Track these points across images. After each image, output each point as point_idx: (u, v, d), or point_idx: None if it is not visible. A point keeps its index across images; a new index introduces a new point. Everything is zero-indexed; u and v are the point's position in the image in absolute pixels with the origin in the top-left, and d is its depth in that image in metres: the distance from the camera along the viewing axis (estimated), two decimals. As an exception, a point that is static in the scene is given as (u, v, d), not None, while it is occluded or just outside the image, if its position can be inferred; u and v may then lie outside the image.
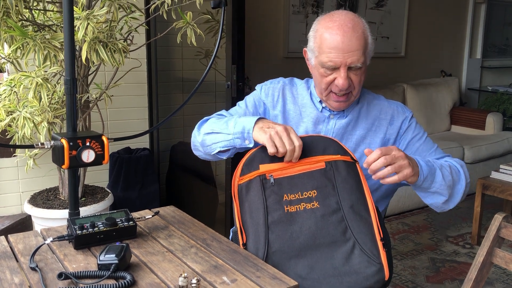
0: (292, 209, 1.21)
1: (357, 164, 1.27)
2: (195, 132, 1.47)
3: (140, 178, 2.98)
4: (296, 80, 1.55)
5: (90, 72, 2.37)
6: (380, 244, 1.18)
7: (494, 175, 3.04)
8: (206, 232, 1.31)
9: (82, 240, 1.18)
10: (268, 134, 1.23)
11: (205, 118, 1.49)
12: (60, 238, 1.18)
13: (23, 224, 2.74)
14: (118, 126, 3.06)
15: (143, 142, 3.19)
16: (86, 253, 1.16)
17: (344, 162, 1.25)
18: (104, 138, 1.28)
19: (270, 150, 1.21)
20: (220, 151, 1.37)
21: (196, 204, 3.24)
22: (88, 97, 2.31)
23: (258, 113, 1.50)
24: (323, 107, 1.46)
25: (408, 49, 4.85)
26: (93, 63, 2.11)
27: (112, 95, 2.44)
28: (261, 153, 1.27)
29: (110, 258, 1.05)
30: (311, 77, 1.52)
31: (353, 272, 1.16)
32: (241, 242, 1.22)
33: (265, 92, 1.51)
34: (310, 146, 1.27)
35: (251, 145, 1.29)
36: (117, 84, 2.45)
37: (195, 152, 1.51)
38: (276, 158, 1.26)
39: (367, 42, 1.34)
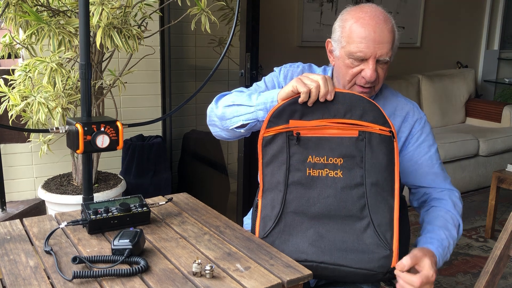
0: (314, 173, 1.17)
1: (394, 140, 1.17)
2: (212, 106, 1.42)
3: (153, 166, 2.99)
4: (314, 66, 1.53)
5: (104, 59, 2.37)
6: (396, 230, 1.15)
7: (510, 168, 2.99)
8: (219, 219, 1.30)
9: (96, 225, 1.18)
10: (294, 81, 1.18)
11: (223, 93, 1.43)
12: (75, 222, 1.18)
13: (37, 209, 2.77)
14: (131, 113, 3.06)
15: (156, 130, 3.19)
16: (100, 238, 1.17)
17: (379, 136, 1.16)
18: (118, 124, 1.28)
19: (301, 89, 1.15)
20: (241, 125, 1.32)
21: (208, 193, 3.24)
22: (102, 84, 2.31)
23: (274, 86, 1.46)
24: None
25: (424, 40, 4.79)
26: (107, 49, 2.11)
27: (126, 82, 2.43)
28: (292, 106, 1.18)
29: (124, 243, 1.04)
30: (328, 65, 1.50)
31: (360, 251, 1.15)
32: (260, 195, 1.21)
33: (284, 74, 1.48)
34: (348, 106, 1.18)
35: None
36: (131, 71, 2.44)
37: (211, 128, 1.45)
38: (307, 112, 1.18)
39: (395, 37, 1.32)
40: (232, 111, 1.31)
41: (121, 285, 0.95)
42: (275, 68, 1.52)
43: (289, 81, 1.45)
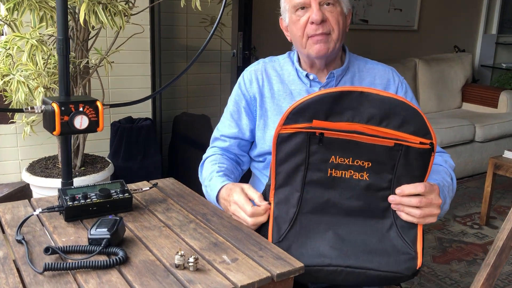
0: (337, 174, 1.05)
1: (432, 154, 1.03)
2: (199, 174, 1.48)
3: (142, 149, 2.90)
4: (275, 57, 1.47)
5: (90, 37, 2.26)
6: (420, 232, 1.07)
7: (507, 154, 2.93)
8: (206, 206, 1.23)
9: (73, 211, 1.10)
10: (230, 209, 1.19)
11: (203, 158, 1.49)
12: (50, 209, 1.10)
13: (22, 192, 2.68)
14: (120, 94, 2.96)
15: (145, 112, 3.10)
16: (77, 226, 1.09)
17: (418, 150, 1.02)
18: (98, 104, 1.19)
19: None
20: None
21: (197, 177, 3.17)
22: (87, 63, 2.21)
23: (240, 114, 1.44)
24: (311, 81, 1.38)
25: (421, 23, 4.69)
26: (93, 27, 2.00)
27: (113, 62, 2.34)
28: (317, 105, 1.03)
29: (101, 232, 0.97)
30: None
31: (385, 253, 1.06)
32: (272, 194, 1.11)
33: (249, 78, 1.42)
34: (386, 112, 1.01)
35: None
36: (118, 50, 2.34)
37: None
38: (335, 113, 1.03)
39: None
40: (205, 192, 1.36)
41: (97, 279, 0.87)
42: (239, 79, 1.47)
43: (255, 84, 1.42)
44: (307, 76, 1.38)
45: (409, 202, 1.05)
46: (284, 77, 1.41)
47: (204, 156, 1.48)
